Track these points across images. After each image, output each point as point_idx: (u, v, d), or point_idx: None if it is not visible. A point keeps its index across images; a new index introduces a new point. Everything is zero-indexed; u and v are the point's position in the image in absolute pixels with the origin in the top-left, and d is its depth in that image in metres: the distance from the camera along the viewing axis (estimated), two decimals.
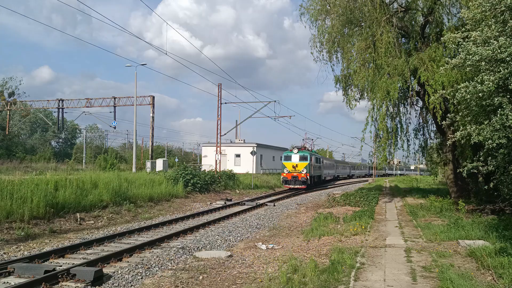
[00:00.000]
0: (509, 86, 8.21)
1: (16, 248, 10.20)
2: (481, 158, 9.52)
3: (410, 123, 21.78)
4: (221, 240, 11.45)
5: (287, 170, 32.47)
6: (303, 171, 32.01)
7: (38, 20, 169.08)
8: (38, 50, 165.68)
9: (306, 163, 32.42)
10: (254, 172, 37.05)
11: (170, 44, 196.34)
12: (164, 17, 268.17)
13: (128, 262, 8.87)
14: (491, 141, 8.48)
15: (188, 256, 9.44)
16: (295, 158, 32.86)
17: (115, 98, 38.41)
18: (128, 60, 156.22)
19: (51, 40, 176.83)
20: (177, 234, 11.95)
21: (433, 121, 19.69)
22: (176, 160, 56.84)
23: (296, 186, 32.26)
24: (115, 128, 42.17)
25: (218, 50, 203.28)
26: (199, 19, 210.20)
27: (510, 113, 7.99)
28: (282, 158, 34.24)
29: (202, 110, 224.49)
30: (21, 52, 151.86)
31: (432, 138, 23.07)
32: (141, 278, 7.71)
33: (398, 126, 20.26)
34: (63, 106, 40.89)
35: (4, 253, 9.67)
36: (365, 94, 20.30)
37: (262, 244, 10.82)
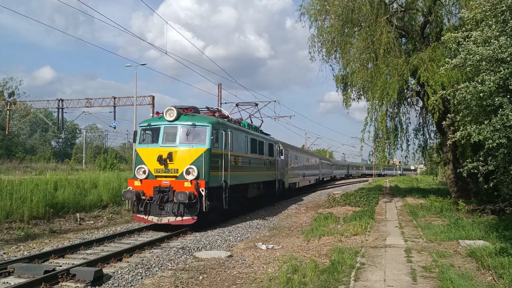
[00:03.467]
0: (510, 86, 8.20)
1: (16, 248, 10.19)
2: (481, 158, 9.51)
3: (410, 123, 21.81)
4: (221, 240, 11.43)
5: (144, 170, 12.33)
6: (187, 172, 11.89)
7: (40, 21, 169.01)
8: (39, 50, 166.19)
9: (202, 149, 12.19)
10: None
11: (171, 44, 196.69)
12: (166, 18, 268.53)
13: (128, 262, 8.85)
14: (491, 140, 8.47)
15: (188, 256, 9.43)
16: (170, 134, 12.54)
17: (115, 98, 38.41)
18: (129, 60, 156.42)
19: (51, 40, 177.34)
20: (177, 234, 11.93)
21: (433, 121, 19.70)
22: None
23: (162, 219, 11.95)
24: (115, 128, 42.30)
25: (219, 50, 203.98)
26: (201, 19, 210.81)
27: (510, 113, 7.98)
28: (137, 136, 13.27)
29: None
30: (21, 52, 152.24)
31: (432, 138, 23.10)
32: (141, 278, 7.70)
33: (398, 126, 20.28)
34: (63, 106, 40.87)
35: (4, 253, 9.65)
36: (364, 94, 20.32)
37: (262, 244, 10.80)
